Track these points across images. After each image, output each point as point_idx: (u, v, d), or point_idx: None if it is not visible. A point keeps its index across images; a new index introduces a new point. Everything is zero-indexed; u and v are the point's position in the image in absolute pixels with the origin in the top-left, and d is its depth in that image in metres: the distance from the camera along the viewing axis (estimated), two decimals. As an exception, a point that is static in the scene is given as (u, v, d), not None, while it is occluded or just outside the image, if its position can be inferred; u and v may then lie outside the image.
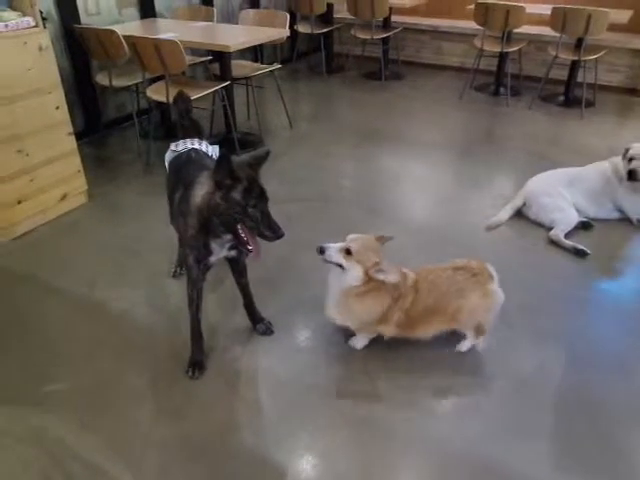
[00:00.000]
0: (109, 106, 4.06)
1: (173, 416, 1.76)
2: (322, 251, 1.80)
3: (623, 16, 4.38)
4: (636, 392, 1.85)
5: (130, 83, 3.56)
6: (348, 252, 1.77)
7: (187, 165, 1.92)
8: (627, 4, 4.81)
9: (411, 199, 3.16)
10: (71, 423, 1.73)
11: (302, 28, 5.38)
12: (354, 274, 1.77)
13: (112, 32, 3.19)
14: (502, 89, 5.02)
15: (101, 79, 3.58)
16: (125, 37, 3.16)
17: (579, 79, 4.72)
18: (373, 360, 1.98)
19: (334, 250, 1.78)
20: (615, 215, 2.86)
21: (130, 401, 1.81)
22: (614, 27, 4.53)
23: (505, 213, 2.86)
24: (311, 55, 6.13)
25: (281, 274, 2.45)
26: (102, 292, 2.33)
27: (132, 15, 4.03)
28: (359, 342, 2.02)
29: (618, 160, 2.81)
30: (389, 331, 1.92)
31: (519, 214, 2.88)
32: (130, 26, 3.73)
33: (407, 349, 2.02)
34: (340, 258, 1.78)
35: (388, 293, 1.83)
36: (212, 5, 4.57)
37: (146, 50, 3.09)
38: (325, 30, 5.42)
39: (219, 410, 1.78)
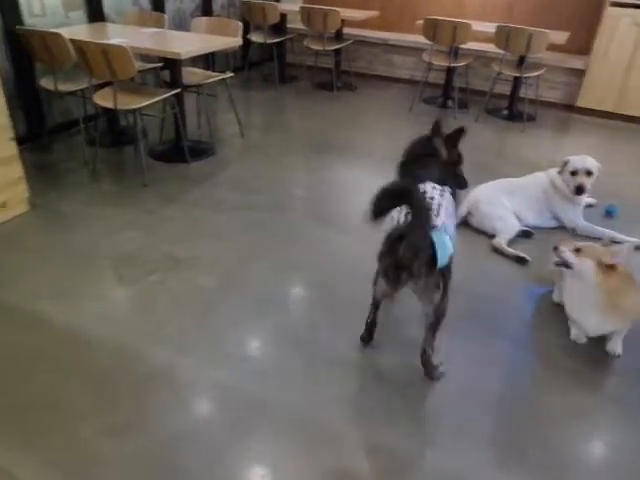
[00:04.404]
0: (54, 111, 3.93)
1: (121, 432, 1.71)
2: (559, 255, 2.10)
3: (561, 37, 4.63)
4: (570, 391, 1.94)
5: (76, 88, 3.47)
6: (578, 250, 2.02)
7: None
8: (565, 26, 5.09)
9: (362, 209, 3.20)
10: (7, 443, 1.65)
11: (255, 37, 5.40)
12: (589, 270, 1.98)
13: (58, 35, 3.11)
14: (450, 102, 5.20)
15: (46, 83, 3.47)
16: (71, 41, 3.08)
17: (521, 94, 4.95)
18: (317, 365, 2.00)
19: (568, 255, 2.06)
20: (553, 223, 3.01)
21: (74, 418, 1.75)
22: (553, 47, 4.78)
23: (451, 223, 2.95)
24: (264, 64, 6.15)
25: (230, 282, 2.44)
26: (45, 304, 2.25)
27: (79, 18, 3.94)
28: (619, 345, 2.10)
29: (554, 172, 2.96)
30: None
31: (464, 223, 2.98)
32: (77, 30, 3.64)
33: (346, 354, 2.05)
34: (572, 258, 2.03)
35: (635, 283, 1.99)
36: (163, 11, 4.52)
37: (93, 55, 3.02)
38: (278, 40, 5.46)
39: (164, 423, 1.74)
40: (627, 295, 1.98)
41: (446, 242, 1.67)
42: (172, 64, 3.44)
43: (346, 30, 5.57)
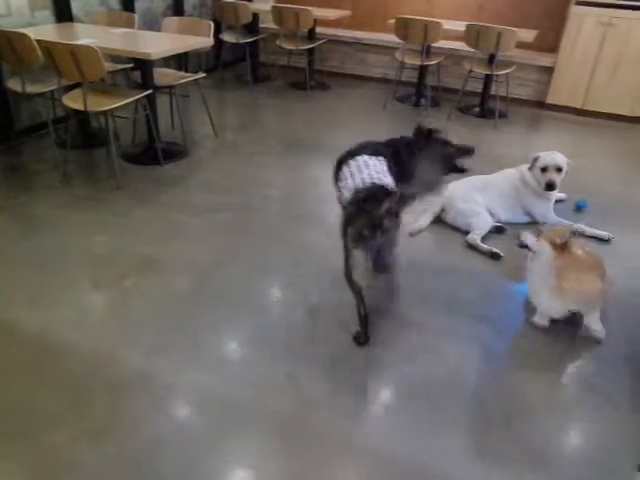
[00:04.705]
0: (23, 113, 3.85)
1: (96, 437, 1.68)
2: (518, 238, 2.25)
3: (529, 35, 4.71)
4: (544, 384, 1.98)
5: (45, 90, 3.40)
6: (538, 235, 2.15)
7: None
8: (533, 25, 5.19)
9: (336, 207, 3.21)
10: (-20, 451, 1.62)
11: (227, 37, 5.37)
12: (544, 250, 2.10)
13: (24, 36, 3.04)
14: (423, 100, 5.25)
15: (13, 84, 3.39)
16: (38, 41, 3.02)
17: (493, 92, 5.03)
18: (295, 365, 2.00)
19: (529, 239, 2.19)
20: (525, 219, 3.06)
21: (47, 425, 1.72)
22: (522, 45, 4.87)
23: (426, 219, 2.99)
24: (237, 64, 6.12)
25: (206, 283, 2.43)
26: (14, 311, 2.20)
27: (46, 18, 3.86)
28: (595, 325, 2.18)
29: (525, 168, 3.02)
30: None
31: (439, 220, 3.02)
32: (44, 30, 3.56)
33: (322, 350, 2.06)
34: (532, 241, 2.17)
35: (593, 270, 2.09)
36: (133, 11, 4.46)
37: (61, 56, 2.96)
38: (250, 40, 5.43)
39: (142, 428, 1.72)
40: (578, 276, 2.07)
41: None
42: (143, 65, 3.40)
43: (319, 29, 5.58)
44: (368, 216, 1.90)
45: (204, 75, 3.95)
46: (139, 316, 2.21)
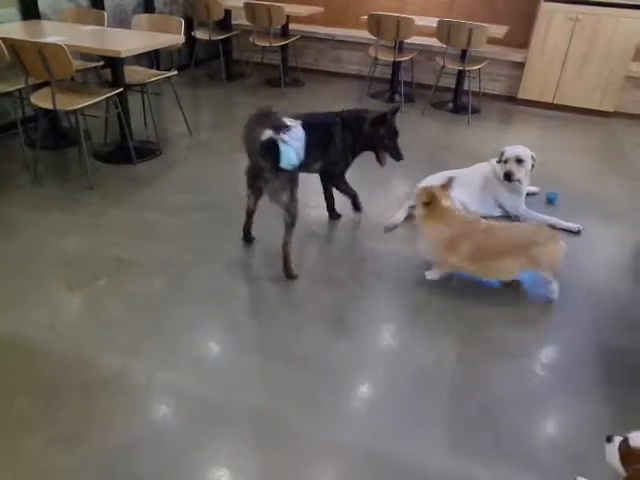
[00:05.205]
0: (-11, 113, 3.76)
1: (67, 442, 1.66)
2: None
3: (500, 31, 4.78)
4: (518, 375, 2.02)
5: (12, 89, 3.32)
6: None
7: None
8: (504, 20, 5.26)
9: (311, 203, 3.22)
10: (-49, 459, 1.58)
11: (200, 34, 5.32)
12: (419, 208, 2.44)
13: (-12, 34, 2.98)
14: (397, 96, 5.29)
15: (-22, 84, 3.32)
16: (3, 39, 2.95)
17: (465, 87, 5.09)
18: (271, 364, 2.01)
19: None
20: (497, 212, 3.11)
21: (18, 431, 1.69)
22: (494, 41, 4.94)
23: (401, 214, 3.02)
24: (210, 62, 6.07)
25: (182, 283, 2.41)
26: (-15, 314, 2.16)
27: (12, 16, 3.77)
28: (431, 274, 2.50)
29: (495, 162, 3.07)
30: (460, 263, 2.37)
31: (412, 215, 3.05)
32: (10, 27, 3.49)
33: (296, 346, 2.07)
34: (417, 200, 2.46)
35: (448, 225, 2.34)
36: (103, 8, 4.39)
37: (28, 54, 2.90)
38: (223, 36, 5.40)
39: (116, 430, 1.71)
40: (431, 226, 2.39)
41: (289, 153, 2.29)
42: (113, 63, 3.35)
43: (292, 26, 5.57)
44: (252, 167, 2.46)
45: (176, 73, 3.90)
46: (114, 317, 2.19)
